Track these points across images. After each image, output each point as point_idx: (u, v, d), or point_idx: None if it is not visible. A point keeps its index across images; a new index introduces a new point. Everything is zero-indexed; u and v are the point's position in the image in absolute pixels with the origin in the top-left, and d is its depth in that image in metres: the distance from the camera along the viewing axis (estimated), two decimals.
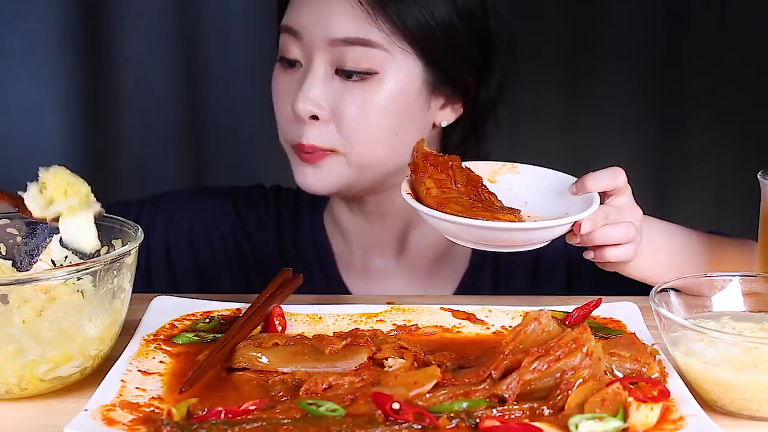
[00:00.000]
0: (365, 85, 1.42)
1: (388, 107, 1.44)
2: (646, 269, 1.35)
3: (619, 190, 1.27)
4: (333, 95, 1.42)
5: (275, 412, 1.00)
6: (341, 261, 1.63)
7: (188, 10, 2.32)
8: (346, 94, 1.42)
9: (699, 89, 2.37)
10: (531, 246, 1.23)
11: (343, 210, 1.60)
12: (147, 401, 1.04)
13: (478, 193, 1.28)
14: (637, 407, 0.97)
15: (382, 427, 0.96)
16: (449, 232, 1.24)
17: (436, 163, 1.26)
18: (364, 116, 1.43)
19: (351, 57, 1.41)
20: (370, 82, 1.42)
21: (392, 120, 1.45)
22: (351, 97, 1.42)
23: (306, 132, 1.44)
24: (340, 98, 1.42)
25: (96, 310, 1.10)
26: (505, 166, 1.36)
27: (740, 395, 1.03)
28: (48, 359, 1.07)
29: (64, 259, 1.23)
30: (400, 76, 1.44)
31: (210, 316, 1.26)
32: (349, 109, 1.42)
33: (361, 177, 1.48)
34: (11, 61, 2.30)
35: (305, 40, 1.43)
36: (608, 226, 1.24)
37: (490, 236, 1.21)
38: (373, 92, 1.42)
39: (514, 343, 1.05)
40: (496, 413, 0.99)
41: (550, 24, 2.36)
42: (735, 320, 1.14)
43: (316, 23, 1.42)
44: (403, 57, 1.43)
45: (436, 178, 1.25)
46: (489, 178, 1.32)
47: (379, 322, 1.27)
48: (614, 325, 1.24)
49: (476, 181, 1.29)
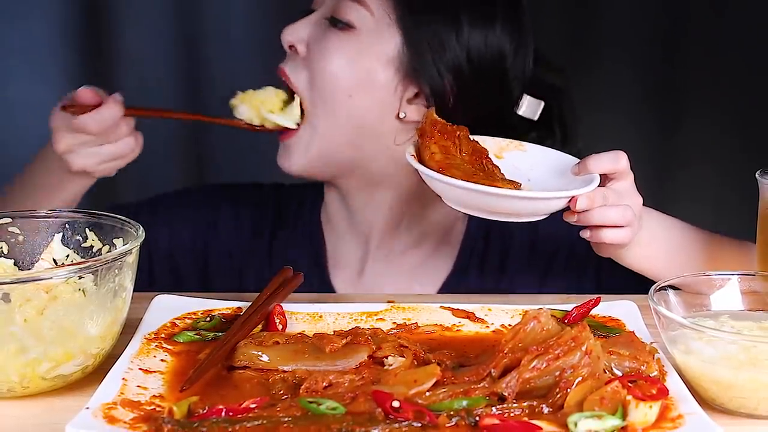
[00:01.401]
0: (343, 34, 1.48)
1: (352, 61, 1.48)
2: (642, 259, 1.37)
3: (620, 173, 1.29)
4: (314, 35, 1.50)
5: (276, 411, 1.00)
6: (332, 259, 1.64)
7: (189, 10, 2.32)
8: (323, 36, 1.49)
9: (698, 88, 2.37)
10: (528, 217, 1.26)
11: (334, 205, 1.62)
12: (148, 399, 1.04)
13: (482, 164, 1.31)
14: (636, 405, 0.97)
15: (382, 425, 0.97)
16: (448, 196, 1.26)
17: (443, 131, 1.30)
18: (328, 58, 1.48)
19: (341, 7, 1.48)
20: (348, 34, 1.48)
21: (352, 75, 1.48)
22: (325, 40, 1.49)
23: (286, 61, 1.53)
24: (319, 38, 1.49)
25: (97, 308, 1.11)
26: (513, 143, 1.38)
27: (738, 393, 1.03)
28: (49, 358, 1.07)
29: (65, 258, 1.24)
30: (376, 41, 1.48)
31: (211, 314, 1.27)
32: (319, 46, 1.49)
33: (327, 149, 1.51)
34: (12, 61, 2.30)
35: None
36: (606, 207, 1.26)
37: (487, 202, 1.23)
38: (345, 41, 1.48)
39: (513, 342, 1.05)
40: (495, 411, 0.99)
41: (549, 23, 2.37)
42: (733, 319, 1.14)
43: None
44: (386, 26, 1.48)
45: (442, 145, 1.28)
46: (495, 154, 1.35)
47: (379, 321, 1.27)
48: (613, 323, 1.24)
49: (482, 152, 1.32)
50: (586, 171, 1.28)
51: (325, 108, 1.49)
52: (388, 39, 1.48)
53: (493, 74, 1.50)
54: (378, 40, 1.48)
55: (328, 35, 1.49)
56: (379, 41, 1.48)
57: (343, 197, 1.59)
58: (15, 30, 2.28)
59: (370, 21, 1.47)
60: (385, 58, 1.48)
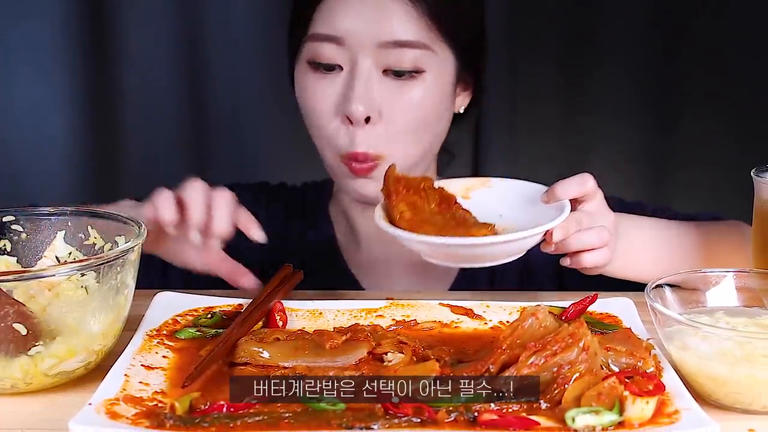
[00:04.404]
0: (414, 82, 1.44)
1: (434, 102, 1.47)
2: (629, 268, 1.36)
3: (589, 195, 1.27)
4: (384, 95, 1.44)
5: (276, 407, 1.01)
6: (347, 253, 1.65)
7: (192, 11, 2.32)
8: (396, 92, 1.44)
9: (696, 88, 2.37)
10: (508, 258, 1.24)
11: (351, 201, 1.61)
12: (150, 395, 1.04)
13: (452, 211, 1.29)
14: (633, 401, 0.98)
15: (382, 420, 0.97)
16: (426, 253, 1.25)
17: (408, 186, 1.27)
18: (415, 113, 1.45)
19: (400, 57, 1.42)
20: (417, 79, 1.44)
21: (434, 114, 1.48)
22: (401, 95, 1.44)
23: (358, 138, 1.44)
24: (391, 97, 1.44)
25: (100, 305, 1.12)
26: (478, 181, 1.36)
27: (734, 389, 1.04)
28: (52, 354, 1.08)
29: (68, 255, 1.24)
30: (442, 70, 1.47)
31: (212, 311, 1.28)
32: (401, 107, 1.44)
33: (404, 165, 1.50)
34: (16, 60, 2.30)
35: (349, 45, 1.42)
36: (581, 231, 1.24)
37: (465, 253, 1.21)
38: (421, 89, 1.45)
39: (511, 338, 1.06)
40: (494, 407, 1.00)
41: (548, 23, 2.37)
42: (729, 315, 1.15)
43: (363, 28, 1.42)
44: (442, 52, 1.46)
45: (409, 201, 1.26)
46: (462, 195, 1.33)
47: (378, 318, 1.28)
48: (610, 320, 1.25)
49: (449, 199, 1.30)
50: (554, 198, 1.26)
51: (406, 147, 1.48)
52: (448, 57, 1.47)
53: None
54: (442, 66, 1.47)
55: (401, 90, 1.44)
56: (444, 66, 1.47)
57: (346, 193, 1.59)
58: (18, 29, 2.28)
59: (432, 56, 1.45)
60: (450, 77, 1.49)
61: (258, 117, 2.39)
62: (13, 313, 1.07)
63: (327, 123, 1.46)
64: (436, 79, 1.46)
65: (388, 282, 1.61)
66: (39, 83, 2.32)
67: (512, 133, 2.42)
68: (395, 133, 1.45)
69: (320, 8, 1.44)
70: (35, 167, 2.35)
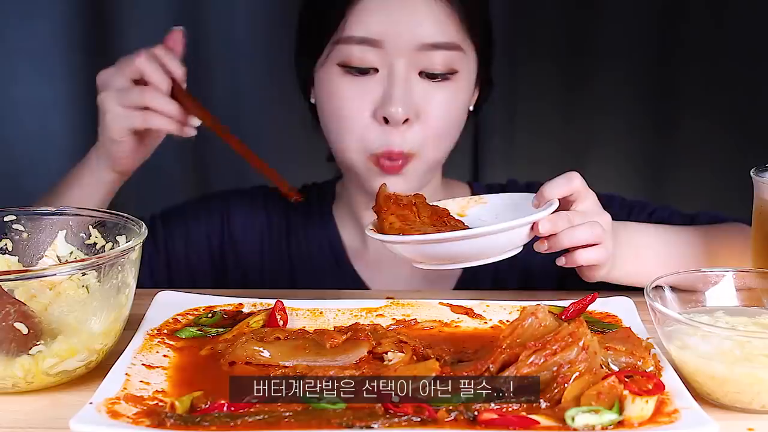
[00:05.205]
0: (449, 84, 1.47)
1: (463, 101, 1.51)
2: (631, 273, 1.36)
3: (579, 193, 1.28)
4: (421, 96, 1.46)
5: (277, 406, 1.01)
6: (354, 254, 1.65)
7: (193, 12, 2.32)
8: (432, 94, 1.46)
9: (694, 89, 2.37)
10: (499, 255, 1.24)
11: (360, 198, 1.61)
12: (151, 394, 1.05)
13: (444, 221, 1.30)
14: (633, 400, 0.98)
15: (382, 419, 0.97)
16: (413, 256, 1.25)
17: (398, 202, 1.28)
18: (449, 113, 1.48)
19: (436, 60, 1.45)
20: (451, 81, 1.47)
21: (463, 112, 1.52)
22: (438, 97, 1.47)
23: (394, 138, 1.45)
24: (428, 98, 1.46)
25: (101, 305, 1.12)
26: (473, 199, 1.37)
27: (733, 388, 1.04)
28: (53, 353, 1.08)
29: (69, 254, 1.25)
30: (469, 70, 1.51)
31: (212, 310, 1.28)
32: (437, 108, 1.47)
33: (430, 172, 1.54)
34: (18, 61, 2.30)
35: (386, 48, 1.44)
36: (573, 228, 1.24)
37: (455, 249, 1.21)
38: (455, 90, 1.48)
39: (511, 338, 1.06)
40: (494, 406, 1.00)
41: (546, 25, 2.37)
42: (728, 315, 1.15)
43: (400, 31, 1.43)
44: (470, 51, 1.50)
45: (399, 214, 1.27)
46: (458, 213, 1.34)
47: (378, 317, 1.28)
48: (610, 319, 1.25)
49: (442, 212, 1.32)
50: (543, 199, 1.27)
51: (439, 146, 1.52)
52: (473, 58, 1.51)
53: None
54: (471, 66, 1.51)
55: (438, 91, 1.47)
56: (472, 66, 1.51)
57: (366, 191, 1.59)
58: (19, 29, 2.29)
59: (463, 57, 1.48)
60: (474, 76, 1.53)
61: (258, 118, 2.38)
62: (15, 312, 1.07)
63: (359, 123, 1.47)
64: (466, 78, 1.49)
65: (396, 283, 1.61)
66: (40, 83, 2.32)
67: (512, 134, 2.42)
68: (429, 133, 1.47)
69: (354, 11, 1.45)
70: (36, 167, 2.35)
